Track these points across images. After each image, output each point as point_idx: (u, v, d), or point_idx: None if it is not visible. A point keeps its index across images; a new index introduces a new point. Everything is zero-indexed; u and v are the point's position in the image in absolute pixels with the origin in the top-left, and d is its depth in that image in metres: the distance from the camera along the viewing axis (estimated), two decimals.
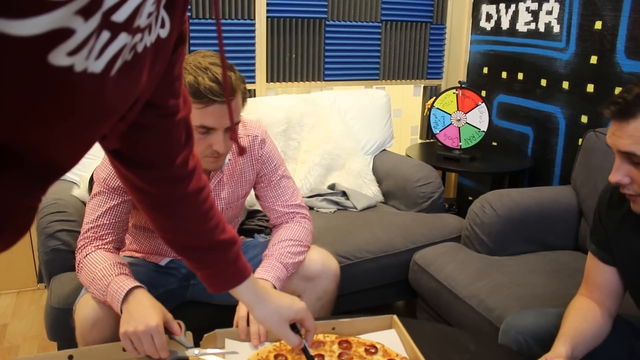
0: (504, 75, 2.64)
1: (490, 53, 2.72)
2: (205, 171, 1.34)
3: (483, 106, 2.43)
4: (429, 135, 2.92)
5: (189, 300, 1.50)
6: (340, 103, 2.48)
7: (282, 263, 1.33)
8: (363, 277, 1.87)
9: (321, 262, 1.42)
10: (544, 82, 2.39)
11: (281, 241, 1.39)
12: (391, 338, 1.16)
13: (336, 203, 2.20)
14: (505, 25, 2.60)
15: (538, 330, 1.20)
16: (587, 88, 2.16)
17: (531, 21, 2.44)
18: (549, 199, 1.92)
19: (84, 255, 1.24)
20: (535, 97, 2.46)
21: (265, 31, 2.50)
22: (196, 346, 1.10)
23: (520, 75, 2.53)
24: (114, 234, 1.28)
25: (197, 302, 1.50)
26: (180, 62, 0.70)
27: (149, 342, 1.04)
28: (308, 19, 2.59)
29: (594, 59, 2.12)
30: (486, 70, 2.76)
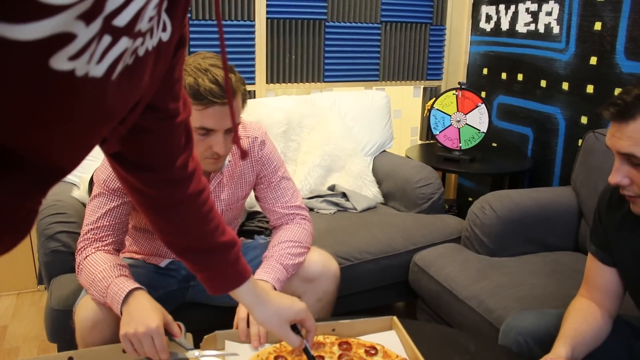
0: (504, 76, 2.64)
1: (490, 54, 2.73)
2: (205, 173, 1.34)
3: (483, 107, 2.43)
4: (429, 136, 2.92)
5: (189, 301, 1.50)
6: (340, 104, 2.48)
7: (282, 264, 1.33)
8: (363, 278, 1.87)
9: (321, 264, 1.42)
10: (544, 83, 2.39)
11: (281, 242, 1.39)
12: (391, 339, 1.16)
13: (336, 204, 2.20)
14: (505, 26, 2.60)
15: (538, 331, 1.20)
16: (587, 89, 2.16)
17: (531, 22, 2.44)
18: (549, 200, 1.92)
19: (84, 256, 1.24)
20: (535, 98, 2.46)
21: (265, 32, 2.50)
22: (196, 348, 1.10)
23: (520, 76, 2.53)
24: (114, 236, 1.28)
25: (197, 304, 1.50)
26: (180, 65, 0.70)
27: (149, 344, 1.04)
28: (308, 20, 2.59)
29: (594, 60, 2.12)
30: (486, 71, 2.76)
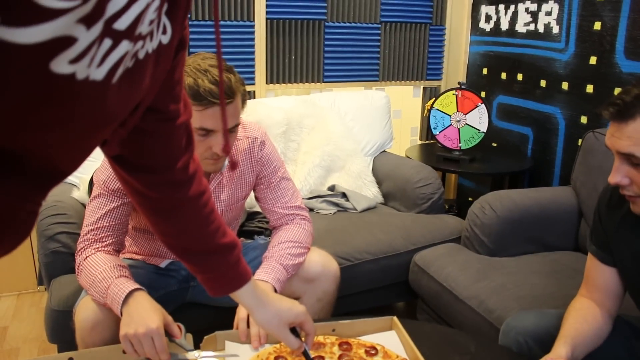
0: (504, 76, 2.64)
1: (489, 54, 2.73)
2: (205, 173, 1.34)
3: (483, 107, 2.43)
4: (429, 136, 2.92)
5: (189, 302, 1.50)
6: (340, 104, 2.48)
7: (282, 265, 1.33)
8: (363, 279, 1.87)
9: (321, 264, 1.42)
10: (544, 83, 2.39)
11: (281, 243, 1.39)
12: (391, 339, 1.16)
13: (336, 204, 2.20)
14: (504, 26, 2.60)
15: (538, 331, 1.20)
16: (587, 89, 2.16)
17: (530, 22, 2.44)
18: (549, 200, 1.92)
19: (84, 257, 1.24)
20: (534, 98, 2.46)
21: (264, 33, 2.50)
22: (196, 348, 1.10)
23: (519, 76, 2.53)
24: (114, 236, 1.28)
25: (197, 304, 1.50)
26: (180, 67, 0.70)
27: (149, 345, 1.04)
28: (307, 21, 2.59)
29: (594, 60, 2.12)
30: (486, 71, 2.76)
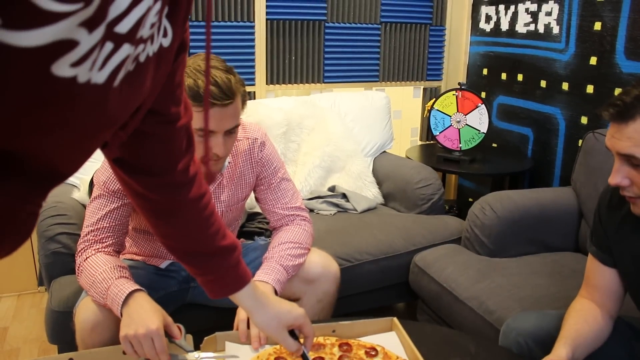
0: (504, 76, 2.64)
1: (489, 54, 2.73)
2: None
3: (483, 107, 2.43)
4: (429, 136, 2.92)
5: (189, 302, 1.50)
6: (340, 105, 2.48)
7: (283, 265, 1.33)
8: (363, 279, 1.87)
9: (321, 265, 1.42)
10: (544, 83, 2.39)
11: (281, 244, 1.39)
12: (391, 340, 1.16)
13: (336, 205, 2.20)
14: (504, 26, 2.60)
15: (538, 332, 1.19)
16: (587, 89, 2.16)
17: (530, 22, 2.44)
18: (549, 201, 1.92)
19: (84, 258, 1.24)
20: (535, 99, 2.46)
21: (264, 33, 2.50)
22: (196, 349, 1.10)
23: (520, 76, 2.53)
24: (114, 237, 1.28)
25: (197, 305, 1.50)
26: (181, 70, 0.70)
27: (149, 346, 1.04)
28: (307, 21, 2.59)
29: (594, 60, 2.12)
30: (486, 71, 2.76)
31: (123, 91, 0.49)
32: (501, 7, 2.61)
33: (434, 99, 2.51)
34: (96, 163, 1.35)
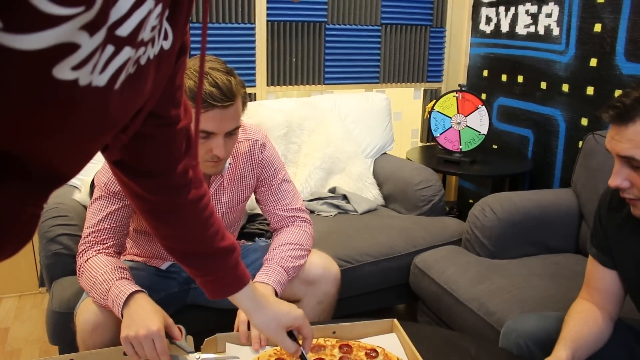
0: (504, 78, 2.64)
1: (490, 56, 2.73)
2: (205, 176, 1.35)
3: (483, 109, 2.43)
4: (430, 138, 2.92)
5: (190, 304, 1.50)
6: (340, 106, 2.48)
7: (283, 267, 1.34)
8: (364, 281, 1.87)
9: (322, 266, 1.42)
10: (544, 85, 2.39)
11: (282, 245, 1.39)
12: (392, 342, 1.16)
13: (337, 206, 2.20)
14: (504, 28, 2.60)
15: (539, 333, 1.20)
16: (587, 90, 2.16)
17: (531, 24, 2.44)
18: (550, 202, 1.92)
19: (85, 259, 1.24)
20: (535, 100, 2.46)
21: (265, 35, 2.50)
22: (197, 350, 1.10)
23: (520, 78, 2.54)
24: (115, 238, 1.28)
25: (198, 306, 1.50)
26: (181, 73, 0.70)
27: (150, 347, 1.04)
28: (308, 23, 2.59)
29: (594, 62, 2.12)
30: (486, 73, 2.76)
31: (124, 94, 0.50)
32: (501, 9, 2.61)
33: (435, 101, 2.51)
34: (97, 164, 1.35)
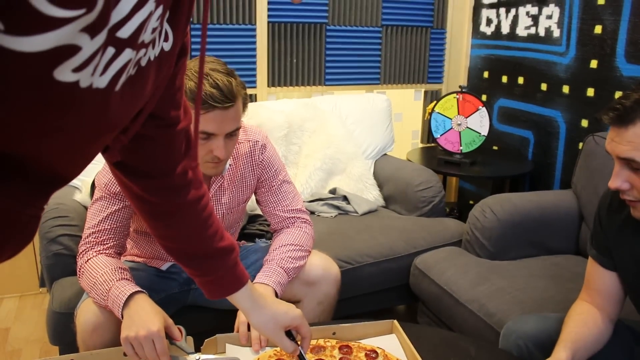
0: (505, 79, 2.64)
1: (490, 57, 2.73)
2: (206, 177, 1.35)
3: (484, 110, 2.43)
4: (430, 139, 2.92)
5: (190, 304, 1.50)
6: (341, 107, 2.48)
7: (283, 268, 1.34)
8: (364, 282, 1.87)
9: (322, 267, 1.42)
10: (545, 86, 2.39)
11: (282, 246, 1.39)
12: (392, 343, 1.16)
13: (337, 207, 2.20)
14: (505, 29, 2.60)
15: (539, 335, 1.20)
16: (588, 92, 2.17)
17: (531, 25, 2.44)
18: (550, 203, 1.92)
19: (85, 260, 1.24)
20: (535, 102, 2.46)
21: (266, 36, 2.51)
22: (197, 351, 1.10)
23: (520, 79, 2.54)
24: (115, 239, 1.28)
25: (198, 307, 1.50)
26: (181, 74, 0.70)
27: (150, 347, 1.04)
28: (309, 24, 2.59)
29: (594, 63, 2.12)
30: (487, 74, 2.77)
31: (124, 95, 0.50)
32: (502, 10, 2.61)
33: (435, 102, 2.51)
34: (98, 165, 1.35)
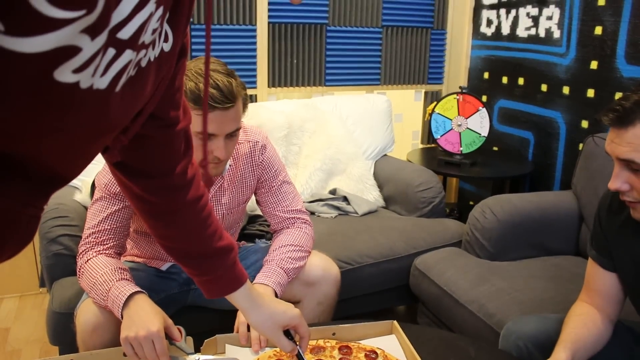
0: (505, 80, 2.64)
1: (491, 58, 2.73)
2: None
3: (484, 111, 2.43)
4: (430, 140, 2.92)
5: (190, 305, 1.50)
6: (341, 108, 2.48)
7: (283, 268, 1.34)
8: (364, 282, 1.87)
9: (322, 267, 1.42)
10: (545, 87, 2.39)
11: (282, 246, 1.39)
12: (391, 343, 1.16)
13: (337, 208, 2.20)
14: (505, 30, 2.60)
15: (538, 335, 1.20)
16: (588, 93, 2.17)
17: (531, 26, 2.44)
18: (550, 204, 1.92)
19: (85, 260, 1.24)
20: (535, 102, 2.46)
21: (266, 36, 2.51)
22: (196, 351, 1.10)
23: (520, 80, 2.54)
24: (115, 239, 1.28)
25: (198, 307, 1.50)
26: (181, 74, 0.71)
27: (150, 348, 1.04)
28: (309, 25, 2.60)
29: (594, 64, 2.12)
30: (487, 75, 2.77)
31: (124, 96, 0.50)
32: (502, 11, 2.61)
33: (435, 103, 2.51)
34: (98, 165, 1.35)
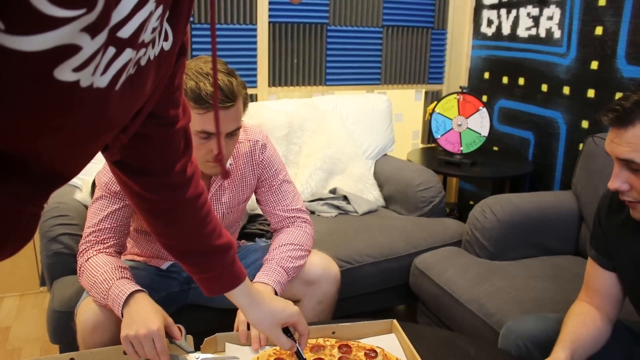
0: (505, 80, 2.64)
1: (491, 58, 2.73)
2: (206, 176, 1.35)
3: (484, 111, 2.43)
4: (430, 140, 2.92)
5: (190, 303, 1.51)
6: (341, 108, 2.48)
7: (283, 267, 1.34)
8: (364, 281, 1.88)
9: (322, 266, 1.42)
10: (545, 87, 2.39)
11: (282, 245, 1.39)
12: (391, 342, 1.17)
13: (337, 207, 2.21)
14: (506, 30, 2.60)
15: (538, 335, 1.20)
16: (588, 93, 2.17)
17: (532, 26, 2.45)
18: (550, 204, 1.92)
19: (86, 259, 1.25)
20: (536, 102, 2.46)
21: (267, 36, 2.51)
22: (197, 350, 1.10)
23: (521, 80, 2.54)
24: (116, 238, 1.28)
25: (198, 306, 1.51)
26: (180, 73, 0.71)
27: (150, 346, 1.04)
28: (310, 24, 2.60)
29: (595, 65, 2.12)
30: (487, 75, 2.77)
31: (124, 95, 0.50)
32: (503, 11, 2.61)
33: (436, 102, 2.51)
34: (98, 164, 1.35)
